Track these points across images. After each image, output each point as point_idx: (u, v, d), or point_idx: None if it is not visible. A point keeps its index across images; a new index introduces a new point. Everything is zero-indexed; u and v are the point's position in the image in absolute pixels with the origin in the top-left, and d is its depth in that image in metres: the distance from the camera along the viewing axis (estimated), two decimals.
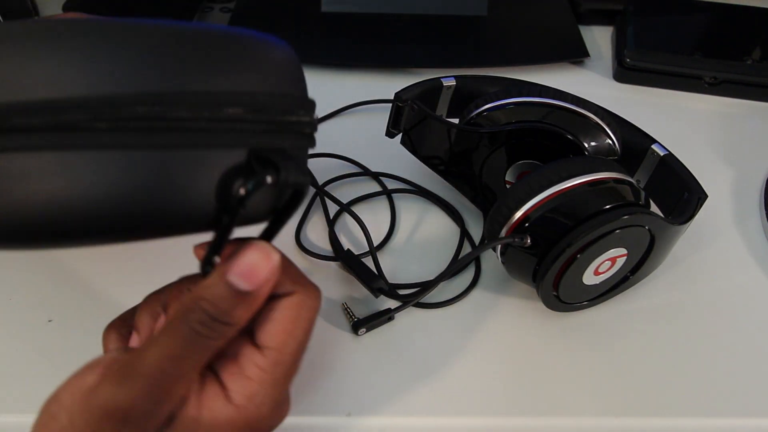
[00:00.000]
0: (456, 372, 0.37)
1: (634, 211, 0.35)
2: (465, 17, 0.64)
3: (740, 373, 0.38)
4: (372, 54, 0.60)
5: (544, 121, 0.41)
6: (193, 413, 0.25)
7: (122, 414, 0.23)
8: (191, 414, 0.25)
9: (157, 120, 0.23)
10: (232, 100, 0.24)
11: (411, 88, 0.45)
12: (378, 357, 0.38)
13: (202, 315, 0.24)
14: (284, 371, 0.27)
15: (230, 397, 0.26)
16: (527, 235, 0.36)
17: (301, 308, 0.27)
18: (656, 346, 0.39)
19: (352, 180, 0.49)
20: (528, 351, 0.39)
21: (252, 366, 0.26)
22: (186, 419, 0.25)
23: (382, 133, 0.47)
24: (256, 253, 0.25)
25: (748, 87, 0.58)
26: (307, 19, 0.63)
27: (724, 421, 0.36)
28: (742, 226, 0.47)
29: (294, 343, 0.27)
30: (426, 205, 0.47)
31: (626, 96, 0.58)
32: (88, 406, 0.24)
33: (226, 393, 0.26)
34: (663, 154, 0.43)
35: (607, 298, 0.40)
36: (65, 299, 0.40)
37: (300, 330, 0.27)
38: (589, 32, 0.65)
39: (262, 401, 0.26)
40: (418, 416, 0.36)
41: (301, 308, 0.27)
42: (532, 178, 0.36)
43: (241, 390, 0.26)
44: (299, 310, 0.27)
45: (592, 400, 0.36)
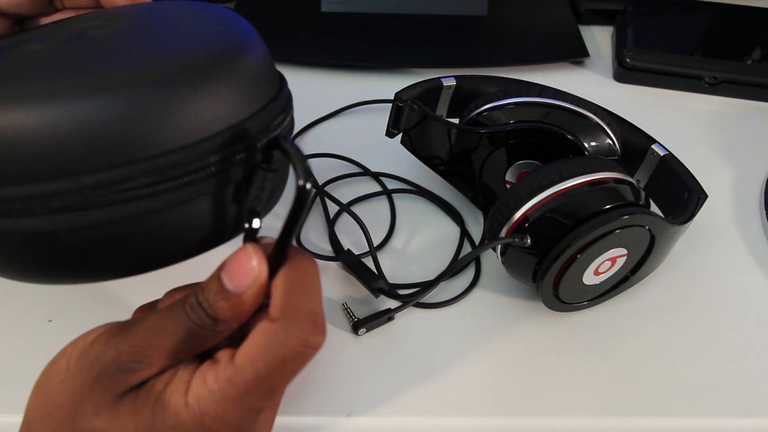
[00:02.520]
0: (456, 372, 0.37)
1: (634, 211, 0.35)
2: (465, 17, 0.64)
3: (740, 373, 0.38)
4: (372, 54, 0.60)
5: (544, 121, 0.41)
6: (158, 388, 0.25)
7: (106, 362, 0.25)
8: (156, 388, 0.25)
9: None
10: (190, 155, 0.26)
11: (411, 88, 0.45)
12: (378, 357, 0.38)
13: (193, 300, 0.26)
14: (237, 393, 0.25)
15: (187, 391, 0.25)
16: (527, 235, 0.36)
17: (273, 340, 0.25)
18: (656, 346, 0.39)
19: (352, 180, 0.49)
20: (528, 351, 0.39)
21: (212, 373, 0.25)
22: (150, 390, 0.25)
23: (382, 133, 0.47)
24: (241, 257, 0.26)
25: (748, 87, 0.58)
26: (307, 19, 0.63)
27: (724, 421, 0.36)
28: (742, 226, 0.47)
29: (252, 371, 0.25)
30: (426, 205, 0.47)
31: (626, 96, 0.58)
32: (83, 353, 0.26)
33: (187, 386, 0.25)
34: (663, 154, 0.43)
35: (607, 298, 0.40)
36: (65, 299, 0.40)
37: (264, 360, 0.25)
38: (589, 32, 0.65)
39: (206, 410, 0.25)
40: (418, 416, 0.36)
41: (274, 341, 0.25)
42: (532, 178, 0.36)
43: (195, 389, 0.25)
44: (271, 340, 0.25)
45: (592, 400, 0.36)
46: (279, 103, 0.30)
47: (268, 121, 0.29)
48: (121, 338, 0.26)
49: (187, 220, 0.28)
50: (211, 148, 0.27)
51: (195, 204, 0.27)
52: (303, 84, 0.58)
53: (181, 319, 0.26)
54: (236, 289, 0.25)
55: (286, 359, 0.25)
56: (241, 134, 0.28)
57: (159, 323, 0.26)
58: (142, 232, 0.27)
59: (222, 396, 0.25)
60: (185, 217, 0.28)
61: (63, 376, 0.26)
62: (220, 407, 0.25)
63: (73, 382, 0.25)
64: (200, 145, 0.26)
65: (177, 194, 0.26)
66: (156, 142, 0.25)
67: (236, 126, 0.27)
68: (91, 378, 0.25)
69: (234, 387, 0.25)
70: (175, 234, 0.28)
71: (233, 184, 0.28)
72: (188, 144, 0.26)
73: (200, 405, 0.25)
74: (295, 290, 0.25)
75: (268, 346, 0.25)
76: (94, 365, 0.25)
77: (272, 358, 0.24)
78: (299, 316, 0.25)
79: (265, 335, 0.25)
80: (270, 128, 0.29)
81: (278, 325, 0.25)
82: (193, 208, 0.28)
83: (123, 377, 0.25)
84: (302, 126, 0.53)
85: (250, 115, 0.28)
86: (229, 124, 0.27)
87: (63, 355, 0.27)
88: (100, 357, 0.25)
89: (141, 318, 0.26)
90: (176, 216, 0.27)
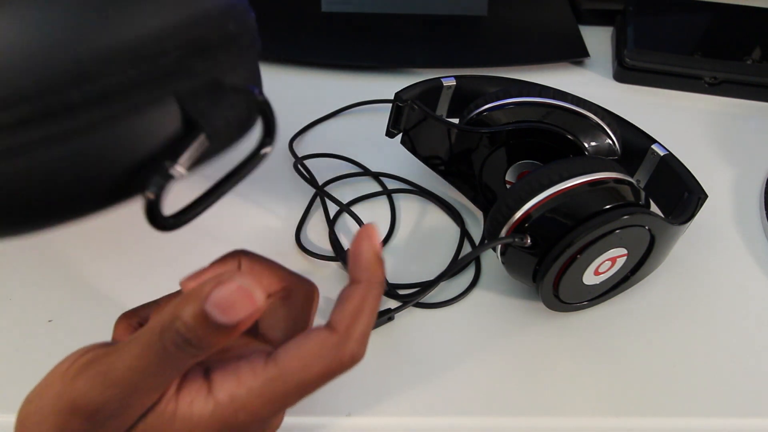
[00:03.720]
0: (456, 372, 0.37)
1: (634, 211, 0.35)
2: (465, 17, 0.64)
3: (740, 373, 0.38)
4: (372, 54, 0.60)
5: (544, 121, 0.41)
6: (170, 408, 0.25)
7: (89, 413, 0.24)
8: (167, 409, 0.25)
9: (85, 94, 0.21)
10: (139, 49, 0.21)
11: (411, 88, 0.45)
12: (378, 357, 0.38)
13: (176, 336, 0.23)
14: (277, 392, 0.25)
15: (213, 391, 0.25)
16: (527, 235, 0.36)
17: (330, 351, 0.25)
18: (656, 346, 0.39)
19: (352, 180, 0.49)
20: (528, 351, 0.39)
21: (249, 370, 0.25)
22: (161, 413, 0.25)
23: (382, 133, 0.47)
24: (238, 292, 0.23)
25: (748, 87, 0.58)
26: (307, 19, 0.63)
27: (724, 421, 0.36)
28: (742, 226, 0.47)
29: (301, 375, 0.25)
30: (426, 205, 0.47)
31: (626, 96, 0.58)
32: (59, 395, 0.24)
33: (209, 387, 0.25)
34: (663, 154, 0.43)
35: (607, 298, 0.40)
36: (65, 299, 0.40)
37: (316, 368, 0.25)
38: (589, 32, 0.65)
39: (241, 407, 0.25)
40: (418, 416, 0.36)
41: (330, 352, 0.25)
42: (532, 178, 0.36)
43: (226, 387, 0.25)
44: (327, 351, 0.25)
45: (592, 400, 0.36)
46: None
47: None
48: (101, 385, 0.24)
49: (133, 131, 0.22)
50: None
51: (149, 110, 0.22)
52: (303, 84, 0.58)
53: (166, 357, 0.24)
54: (229, 322, 0.23)
55: (334, 371, 0.25)
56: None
57: (139, 365, 0.24)
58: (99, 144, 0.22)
59: (261, 393, 0.25)
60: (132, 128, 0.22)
61: (41, 419, 0.24)
62: (257, 403, 0.25)
63: (59, 427, 0.24)
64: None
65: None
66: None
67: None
68: (84, 430, 0.24)
69: (277, 386, 0.25)
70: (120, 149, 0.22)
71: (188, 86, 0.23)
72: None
73: (235, 403, 0.25)
74: (363, 309, 0.26)
75: (323, 356, 0.25)
76: (76, 412, 0.24)
77: (324, 368, 0.25)
78: (358, 335, 0.25)
79: (323, 346, 0.25)
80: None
81: (338, 339, 0.25)
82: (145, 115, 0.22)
83: (114, 423, 0.24)
84: (302, 126, 0.53)
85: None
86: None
87: (38, 390, 0.25)
88: (81, 405, 0.24)
89: (116, 358, 0.24)
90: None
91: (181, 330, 0.23)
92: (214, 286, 0.23)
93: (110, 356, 0.24)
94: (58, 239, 0.43)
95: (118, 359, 0.24)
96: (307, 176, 0.48)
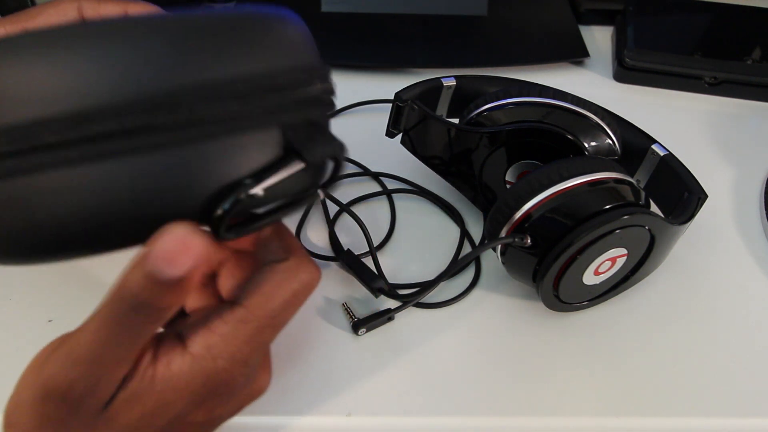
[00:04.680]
0: (456, 372, 0.37)
1: (634, 211, 0.35)
2: (465, 17, 0.64)
3: (740, 373, 0.38)
4: (372, 54, 0.60)
5: (544, 121, 0.41)
6: (149, 373, 0.25)
7: (61, 394, 0.24)
8: (145, 375, 0.25)
9: (181, 118, 0.22)
10: (250, 84, 0.24)
11: (411, 88, 0.45)
12: (378, 357, 0.38)
13: (130, 302, 0.23)
14: (250, 331, 0.26)
15: (187, 346, 0.25)
16: (527, 235, 0.36)
17: (286, 275, 0.26)
18: (656, 346, 0.39)
19: (352, 180, 0.49)
20: (528, 351, 0.39)
21: (216, 318, 0.26)
22: (140, 380, 0.25)
23: (382, 133, 0.47)
24: (174, 241, 0.22)
25: (748, 87, 0.58)
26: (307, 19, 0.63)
27: (724, 421, 0.36)
28: (742, 226, 0.47)
29: (268, 306, 0.26)
30: (426, 205, 0.47)
31: (626, 96, 0.58)
32: (32, 384, 0.24)
33: (183, 343, 0.25)
34: (663, 154, 0.43)
35: (607, 298, 0.40)
36: (65, 299, 0.40)
37: (279, 295, 0.26)
38: (589, 32, 0.65)
39: (219, 354, 0.25)
40: (418, 416, 0.36)
41: (287, 276, 0.26)
42: (532, 178, 0.36)
43: (199, 340, 0.25)
44: (284, 276, 0.26)
45: (592, 400, 0.36)
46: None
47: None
48: (68, 364, 0.24)
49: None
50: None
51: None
52: None
53: (125, 327, 0.23)
54: (177, 274, 0.22)
55: (297, 293, 0.26)
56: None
57: (100, 338, 0.23)
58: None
59: (235, 335, 0.26)
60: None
61: (21, 412, 0.25)
62: (233, 347, 0.26)
63: (43, 424, 0.24)
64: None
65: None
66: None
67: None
68: (62, 413, 0.24)
69: (248, 324, 0.26)
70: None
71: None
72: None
73: (212, 351, 0.25)
74: (288, 236, 0.28)
75: (282, 282, 0.26)
76: (49, 396, 0.24)
77: (287, 293, 0.26)
78: (301, 254, 0.27)
79: (278, 273, 0.26)
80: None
81: (292, 262, 0.26)
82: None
83: (88, 400, 0.24)
84: None
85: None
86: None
87: (16, 393, 0.25)
88: (52, 388, 0.24)
89: (78, 334, 0.24)
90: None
91: (133, 294, 0.23)
92: (154, 241, 0.22)
93: (73, 336, 0.24)
94: None
95: (81, 336, 0.24)
96: None
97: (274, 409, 0.35)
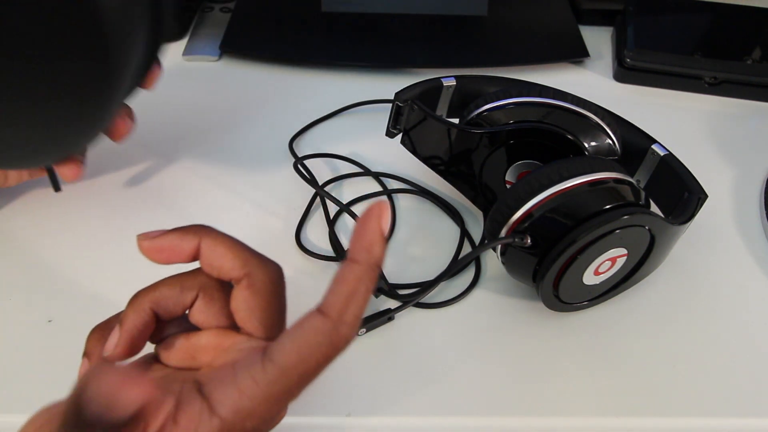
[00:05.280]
0: (456, 372, 0.37)
1: (634, 211, 0.35)
2: (465, 17, 0.64)
3: (740, 373, 0.38)
4: (372, 54, 0.60)
5: (544, 121, 0.41)
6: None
7: None
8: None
9: None
10: None
11: (411, 88, 0.45)
12: (378, 357, 0.38)
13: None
14: (281, 391, 0.24)
15: (215, 410, 0.24)
16: (527, 235, 0.36)
17: (323, 338, 0.24)
18: (656, 346, 0.39)
19: (352, 180, 0.49)
20: (528, 351, 0.39)
21: (248, 378, 0.24)
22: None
23: (382, 133, 0.47)
24: (114, 392, 0.21)
25: (748, 87, 0.58)
26: (307, 19, 0.63)
27: (724, 421, 0.36)
28: (742, 226, 0.47)
29: (301, 369, 0.24)
30: (426, 205, 0.47)
31: (626, 96, 0.59)
32: None
33: (210, 407, 0.24)
34: (663, 154, 0.43)
35: (607, 298, 0.40)
36: (65, 299, 0.40)
37: (313, 359, 0.24)
38: (589, 32, 0.65)
39: (248, 416, 0.24)
40: (418, 416, 0.36)
41: (324, 338, 0.24)
42: (532, 178, 0.36)
43: (228, 403, 0.24)
44: (321, 338, 0.24)
45: (592, 400, 0.36)
46: None
47: None
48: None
49: None
50: None
51: None
52: (303, 84, 0.58)
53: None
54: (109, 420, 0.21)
55: (330, 357, 0.25)
56: None
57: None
58: None
59: (266, 398, 0.24)
60: None
61: None
62: (263, 408, 0.24)
63: None
64: None
65: None
66: None
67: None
68: None
69: (279, 386, 0.24)
70: None
71: None
72: None
73: (241, 414, 0.24)
74: (357, 291, 0.25)
75: (319, 344, 0.24)
76: None
77: (321, 356, 0.24)
78: (351, 318, 0.25)
79: (317, 333, 0.24)
80: None
81: (332, 324, 0.24)
82: None
83: None
84: (302, 126, 0.53)
85: None
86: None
87: None
88: None
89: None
90: None
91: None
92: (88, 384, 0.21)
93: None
94: (58, 239, 0.43)
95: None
96: (307, 176, 0.48)
97: None
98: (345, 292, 0.25)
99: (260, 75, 0.59)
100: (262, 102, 0.56)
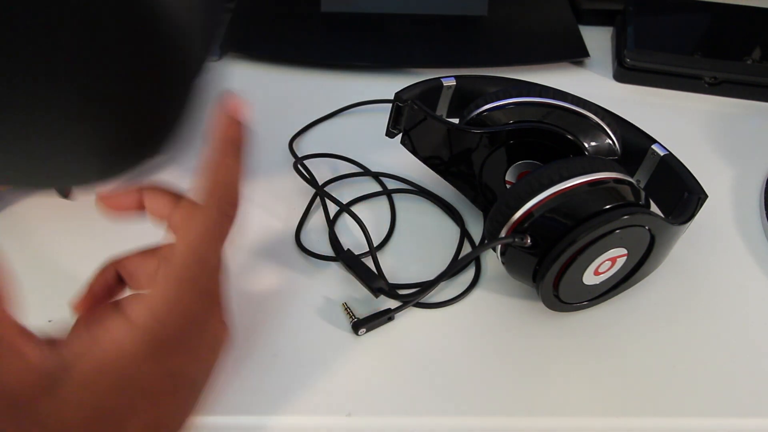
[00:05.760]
0: (456, 372, 0.37)
1: (634, 211, 0.35)
2: (465, 17, 0.64)
3: (740, 373, 0.38)
4: (372, 54, 0.60)
5: (544, 121, 0.41)
6: (86, 350, 0.25)
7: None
8: (84, 354, 0.25)
9: None
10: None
11: (411, 88, 0.45)
12: (378, 357, 0.38)
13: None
14: (178, 272, 0.27)
15: (131, 319, 0.26)
16: (527, 235, 0.36)
17: (188, 217, 0.28)
18: (656, 346, 0.39)
19: (352, 180, 0.49)
20: (528, 351, 0.39)
21: (144, 276, 0.27)
22: (79, 361, 0.25)
23: (382, 133, 0.47)
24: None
25: (748, 87, 0.58)
26: (307, 19, 0.63)
27: (724, 421, 0.36)
28: (742, 226, 0.47)
29: (183, 245, 0.27)
30: (426, 205, 0.47)
31: (626, 96, 0.59)
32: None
33: (127, 318, 0.26)
34: (663, 154, 0.43)
35: (607, 298, 0.40)
36: (65, 299, 0.40)
37: (190, 234, 0.27)
38: (589, 32, 0.65)
39: (163, 316, 0.26)
40: (418, 416, 0.36)
41: (189, 217, 0.28)
42: (532, 178, 0.36)
43: (139, 309, 0.26)
44: (186, 218, 0.28)
45: (592, 400, 0.36)
46: None
47: None
48: None
49: None
50: None
51: None
52: (303, 84, 0.58)
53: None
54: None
55: (222, 235, 0.28)
56: None
57: None
58: None
59: (167, 283, 0.26)
60: None
61: None
62: (172, 294, 0.26)
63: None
64: None
65: None
66: None
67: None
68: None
69: (174, 266, 0.27)
70: None
71: None
72: None
73: (157, 316, 0.26)
74: (219, 171, 0.29)
75: (187, 223, 0.28)
76: None
77: (195, 232, 0.28)
78: (230, 198, 0.29)
79: (180, 218, 0.29)
80: None
81: (216, 211, 0.28)
82: None
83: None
84: (302, 126, 0.53)
85: None
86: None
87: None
88: None
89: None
90: None
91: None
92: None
93: None
94: (58, 239, 0.43)
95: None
96: (307, 176, 0.48)
97: (274, 408, 0.35)
98: (214, 178, 0.28)
99: (260, 75, 0.59)
100: (262, 102, 0.56)
